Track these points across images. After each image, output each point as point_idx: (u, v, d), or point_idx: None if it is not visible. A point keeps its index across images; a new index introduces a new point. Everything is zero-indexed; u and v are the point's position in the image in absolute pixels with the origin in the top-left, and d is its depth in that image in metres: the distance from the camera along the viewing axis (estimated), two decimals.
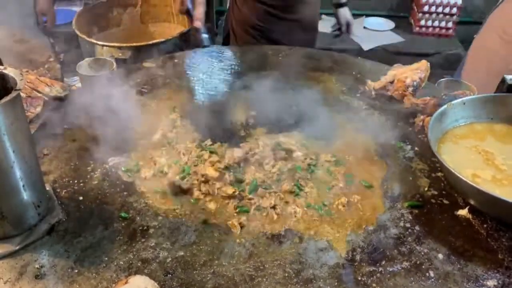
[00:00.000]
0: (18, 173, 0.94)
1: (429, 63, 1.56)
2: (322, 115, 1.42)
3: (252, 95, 1.52)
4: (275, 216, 1.09)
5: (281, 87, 1.55)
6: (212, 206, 1.12)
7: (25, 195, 0.98)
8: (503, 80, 1.48)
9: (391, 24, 3.60)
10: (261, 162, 1.24)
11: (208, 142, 1.31)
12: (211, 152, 1.26)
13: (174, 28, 2.50)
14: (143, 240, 1.03)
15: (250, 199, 1.13)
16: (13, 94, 0.87)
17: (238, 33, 2.19)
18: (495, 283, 0.93)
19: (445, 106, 1.24)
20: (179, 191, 1.15)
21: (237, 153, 1.22)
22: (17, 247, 0.98)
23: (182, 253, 1.00)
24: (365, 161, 1.27)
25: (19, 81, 0.91)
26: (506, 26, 1.91)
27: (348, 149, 1.31)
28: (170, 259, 0.98)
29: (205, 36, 1.16)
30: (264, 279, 0.94)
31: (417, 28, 3.47)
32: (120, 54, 1.83)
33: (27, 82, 1.39)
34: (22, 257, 0.97)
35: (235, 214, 1.10)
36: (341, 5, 2.32)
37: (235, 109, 1.47)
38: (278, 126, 1.40)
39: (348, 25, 2.35)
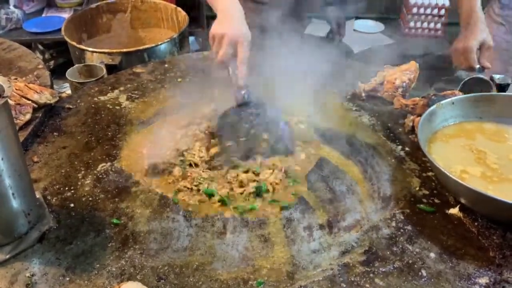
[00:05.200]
0: (7, 181, 0.93)
1: (418, 64, 1.57)
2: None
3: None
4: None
5: (270, 89, 1.56)
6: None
7: (15, 203, 0.97)
8: (492, 80, 1.50)
9: (381, 26, 3.63)
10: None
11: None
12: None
13: (165, 33, 2.50)
14: (135, 246, 1.02)
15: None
16: (1, 101, 0.87)
17: None
18: (487, 281, 0.94)
19: (434, 106, 1.25)
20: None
21: None
22: (7, 256, 0.97)
23: (175, 258, 0.99)
24: (355, 162, 1.28)
25: (7, 88, 0.91)
26: (495, 7, 1.94)
27: (338, 150, 1.32)
28: (162, 264, 0.98)
29: (241, 93, 1.22)
30: (258, 282, 0.94)
31: (407, 30, 3.50)
32: (110, 60, 1.82)
33: (16, 89, 1.37)
34: (12, 265, 0.96)
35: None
36: (330, 3, 2.27)
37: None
38: None
39: (338, 25, 2.31)
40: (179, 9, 2.44)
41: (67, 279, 0.94)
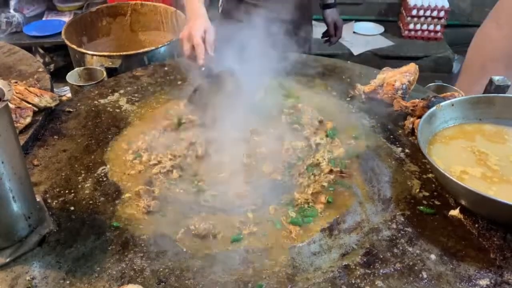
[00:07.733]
0: (7, 184, 0.93)
1: (417, 66, 1.57)
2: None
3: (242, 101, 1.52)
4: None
5: (272, 92, 1.57)
6: None
7: (15, 207, 0.97)
8: (491, 81, 1.50)
9: (380, 28, 3.64)
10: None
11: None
12: None
13: (164, 36, 2.51)
14: (135, 249, 1.02)
15: None
16: (1, 104, 0.87)
17: None
18: (488, 282, 0.93)
19: (434, 108, 1.25)
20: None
21: None
22: (8, 260, 0.97)
23: (175, 261, 0.99)
24: (356, 163, 1.27)
25: (7, 92, 0.91)
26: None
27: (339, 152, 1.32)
28: (163, 267, 0.98)
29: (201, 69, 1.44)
30: (258, 285, 0.94)
31: (406, 32, 3.51)
32: (110, 63, 1.83)
33: (16, 93, 1.38)
34: (12, 269, 0.96)
35: None
36: (328, 6, 2.24)
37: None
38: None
39: (336, 27, 2.27)
40: (179, 12, 2.44)
41: (68, 282, 0.94)
